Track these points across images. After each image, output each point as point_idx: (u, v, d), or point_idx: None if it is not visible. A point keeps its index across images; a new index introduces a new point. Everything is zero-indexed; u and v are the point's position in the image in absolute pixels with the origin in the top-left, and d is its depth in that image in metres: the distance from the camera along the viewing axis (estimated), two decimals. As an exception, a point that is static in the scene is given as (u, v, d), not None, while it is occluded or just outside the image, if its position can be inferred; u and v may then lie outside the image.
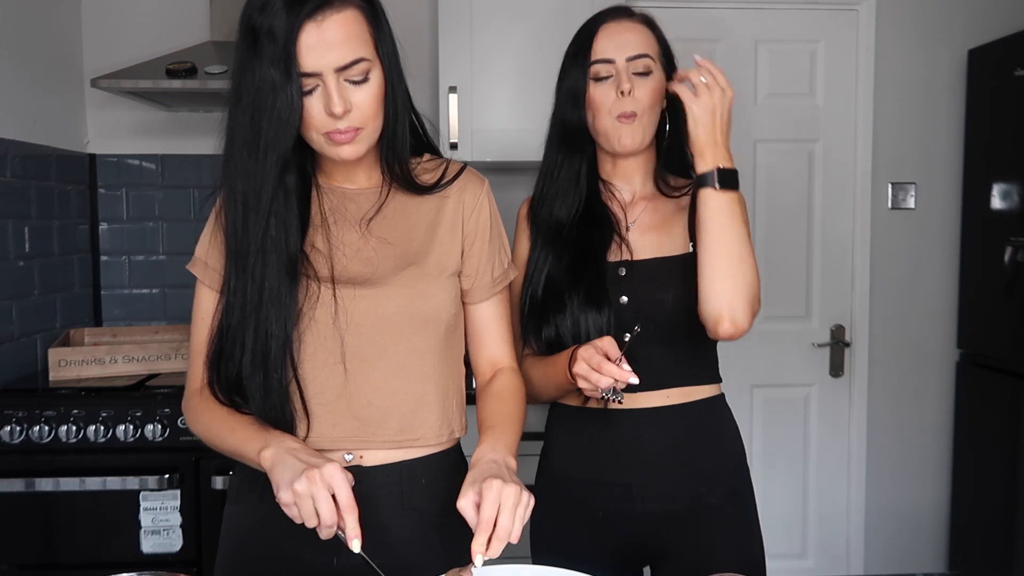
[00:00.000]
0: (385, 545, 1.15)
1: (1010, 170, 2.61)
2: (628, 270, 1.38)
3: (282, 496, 0.97)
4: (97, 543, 2.10)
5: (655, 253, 1.39)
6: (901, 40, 2.86)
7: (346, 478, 0.98)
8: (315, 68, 1.04)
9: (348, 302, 1.13)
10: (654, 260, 1.38)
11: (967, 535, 2.86)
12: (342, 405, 1.14)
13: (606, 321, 1.34)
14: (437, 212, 1.21)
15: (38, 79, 2.46)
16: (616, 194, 1.44)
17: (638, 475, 1.37)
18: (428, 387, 1.18)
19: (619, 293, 1.37)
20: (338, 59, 1.05)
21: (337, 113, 1.05)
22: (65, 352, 2.28)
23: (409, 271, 1.16)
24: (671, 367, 1.38)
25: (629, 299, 1.36)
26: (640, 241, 1.40)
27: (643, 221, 1.42)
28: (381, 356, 1.15)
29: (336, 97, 1.05)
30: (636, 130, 1.35)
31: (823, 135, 2.87)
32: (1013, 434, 2.56)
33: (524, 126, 2.47)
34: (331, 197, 1.19)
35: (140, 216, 2.77)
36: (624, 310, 1.36)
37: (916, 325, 2.93)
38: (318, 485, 0.96)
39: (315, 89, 1.06)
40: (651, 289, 1.36)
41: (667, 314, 1.35)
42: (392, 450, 1.16)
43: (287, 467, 0.99)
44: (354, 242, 1.17)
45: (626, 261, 1.38)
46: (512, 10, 2.44)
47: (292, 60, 1.03)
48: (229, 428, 1.13)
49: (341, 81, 1.06)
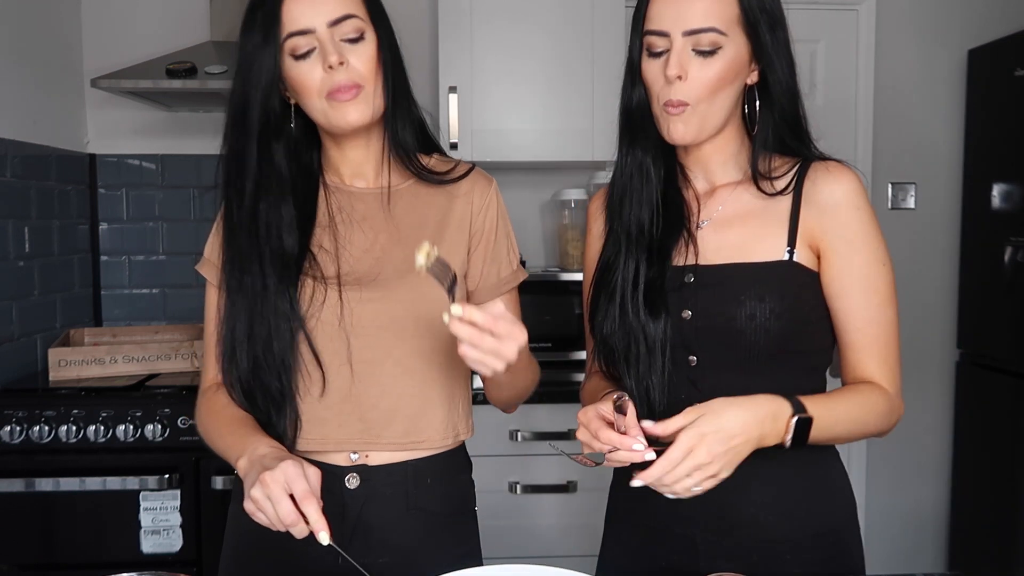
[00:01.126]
0: (390, 544, 1.15)
1: (1010, 170, 2.61)
2: (695, 276, 1.13)
3: (245, 505, 0.97)
4: (97, 543, 2.10)
5: (732, 257, 1.12)
6: (901, 40, 2.86)
7: (304, 472, 0.96)
8: (308, 24, 1.07)
9: (355, 304, 1.13)
10: (728, 266, 1.12)
11: (967, 535, 2.86)
12: (348, 407, 1.14)
13: (661, 335, 1.11)
14: (446, 212, 1.21)
15: (38, 79, 2.46)
16: (693, 182, 1.19)
17: (703, 528, 1.12)
18: (433, 389, 1.17)
19: (682, 305, 1.12)
20: (329, 13, 1.08)
21: (333, 62, 1.07)
22: (65, 352, 2.28)
23: (415, 273, 1.16)
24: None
25: (693, 314, 1.11)
26: (714, 241, 1.14)
27: (723, 216, 1.15)
28: (387, 358, 1.14)
29: (331, 48, 1.08)
30: (690, 121, 1.08)
31: (823, 135, 2.85)
32: (1013, 434, 2.56)
33: (524, 126, 2.48)
34: (339, 197, 1.19)
35: (140, 216, 2.77)
36: (687, 326, 1.11)
37: (916, 325, 2.92)
38: (271, 487, 0.94)
39: (311, 52, 1.08)
40: (719, 302, 1.10)
41: (737, 334, 1.08)
42: (397, 451, 1.16)
43: (251, 476, 0.98)
44: (361, 242, 1.17)
45: (692, 266, 1.13)
46: (512, 10, 2.44)
47: (274, 20, 1.07)
48: (220, 433, 1.13)
49: (336, 39, 1.09)
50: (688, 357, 1.12)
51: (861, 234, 1.10)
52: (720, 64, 1.07)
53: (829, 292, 1.12)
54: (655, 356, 1.12)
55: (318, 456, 1.15)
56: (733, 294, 1.09)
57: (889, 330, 1.13)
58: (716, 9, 1.06)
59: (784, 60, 1.11)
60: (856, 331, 1.12)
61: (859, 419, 1.07)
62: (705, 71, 1.06)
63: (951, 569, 2.92)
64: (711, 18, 1.05)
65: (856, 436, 1.09)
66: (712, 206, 1.16)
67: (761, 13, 1.09)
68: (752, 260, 1.11)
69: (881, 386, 1.11)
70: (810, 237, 1.10)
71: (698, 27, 1.05)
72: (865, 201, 1.12)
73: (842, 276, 1.10)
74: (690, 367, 1.12)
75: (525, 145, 2.48)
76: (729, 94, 1.10)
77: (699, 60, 1.06)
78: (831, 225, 1.10)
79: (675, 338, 1.12)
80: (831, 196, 1.10)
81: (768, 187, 1.12)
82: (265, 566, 1.16)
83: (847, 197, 1.10)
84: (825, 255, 1.11)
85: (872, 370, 1.12)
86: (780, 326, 1.07)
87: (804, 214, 1.10)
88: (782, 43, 1.11)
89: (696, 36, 1.06)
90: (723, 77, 1.07)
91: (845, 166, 1.13)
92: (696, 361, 1.11)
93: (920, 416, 2.94)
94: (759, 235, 1.12)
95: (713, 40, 1.06)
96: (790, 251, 1.10)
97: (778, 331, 1.07)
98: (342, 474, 1.15)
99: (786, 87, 1.12)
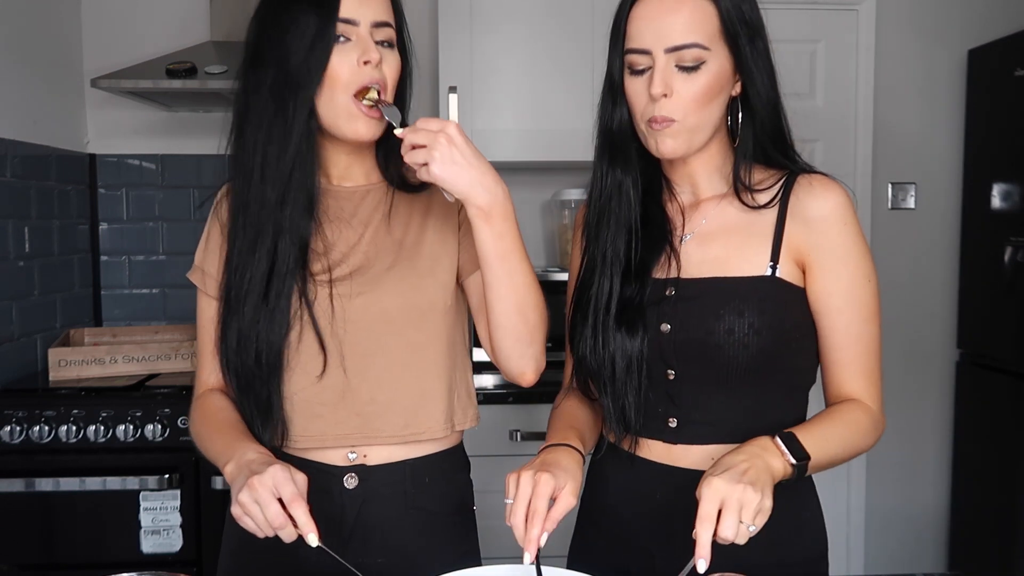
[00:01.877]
0: (389, 545, 1.15)
1: (1010, 170, 2.61)
2: (676, 289, 1.11)
3: (232, 510, 0.97)
4: (97, 543, 2.10)
5: (714, 271, 1.10)
6: (901, 40, 2.86)
7: (292, 476, 0.97)
8: (354, 16, 1.08)
9: (344, 300, 1.13)
10: (709, 280, 1.09)
11: (967, 535, 2.86)
12: (344, 403, 1.14)
13: (637, 353, 1.09)
14: (428, 203, 1.21)
15: (38, 79, 2.46)
16: (678, 195, 1.17)
17: (663, 545, 1.10)
18: (430, 381, 1.17)
19: (661, 318, 1.10)
20: (375, 14, 1.09)
21: (373, 58, 1.08)
22: (65, 352, 2.28)
23: (403, 264, 1.16)
24: (725, 418, 1.09)
25: (672, 327, 1.09)
26: (697, 255, 1.11)
27: (707, 229, 1.13)
28: (380, 352, 1.14)
29: (372, 45, 1.09)
30: (679, 135, 1.06)
31: (823, 135, 2.87)
32: (1013, 434, 2.56)
33: (524, 126, 2.48)
34: (325, 197, 1.19)
35: (140, 216, 2.77)
36: (666, 340, 1.09)
37: (916, 325, 2.92)
38: (258, 491, 0.94)
39: (347, 41, 1.08)
40: (698, 316, 1.08)
41: (716, 349, 1.06)
42: (397, 446, 1.16)
43: (239, 481, 0.98)
44: (350, 239, 1.17)
45: (673, 279, 1.11)
46: (512, 10, 2.44)
47: (332, 9, 1.07)
48: (210, 438, 1.13)
49: (373, 40, 1.09)
50: (666, 371, 1.10)
51: (848, 250, 1.08)
52: (705, 79, 1.05)
53: (815, 308, 1.10)
54: (631, 374, 1.10)
55: (315, 454, 1.15)
56: (712, 308, 1.07)
57: (873, 347, 1.11)
58: (697, 24, 1.04)
59: (764, 71, 1.10)
60: (841, 348, 1.10)
61: (849, 440, 1.07)
62: (690, 87, 1.04)
63: (951, 569, 2.92)
64: (693, 33, 1.03)
65: (848, 457, 1.08)
66: (696, 219, 1.14)
67: (741, 25, 1.06)
68: (734, 274, 1.08)
69: (864, 403, 1.11)
70: (795, 252, 1.08)
71: (680, 43, 1.03)
72: (852, 216, 1.09)
73: (828, 292, 1.09)
74: (668, 381, 1.10)
75: (525, 145, 2.48)
76: (716, 107, 1.08)
77: (683, 76, 1.04)
78: (817, 240, 1.07)
79: (653, 352, 1.10)
80: (818, 211, 1.07)
81: (750, 200, 1.10)
82: (263, 566, 1.16)
83: (834, 212, 1.07)
84: (811, 271, 1.09)
85: (856, 387, 1.11)
86: (759, 342, 1.05)
87: (789, 229, 1.08)
88: (762, 53, 1.10)
89: (679, 52, 1.04)
90: (709, 91, 1.05)
91: (832, 180, 1.10)
92: (674, 375, 1.09)
93: (920, 416, 2.94)
94: (742, 249, 1.09)
95: (696, 56, 1.04)
96: (773, 266, 1.07)
97: (757, 347, 1.05)
98: (340, 474, 1.15)
99: (767, 99, 1.10)
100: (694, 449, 1.10)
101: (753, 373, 1.06)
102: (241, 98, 1.13)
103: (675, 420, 1.11)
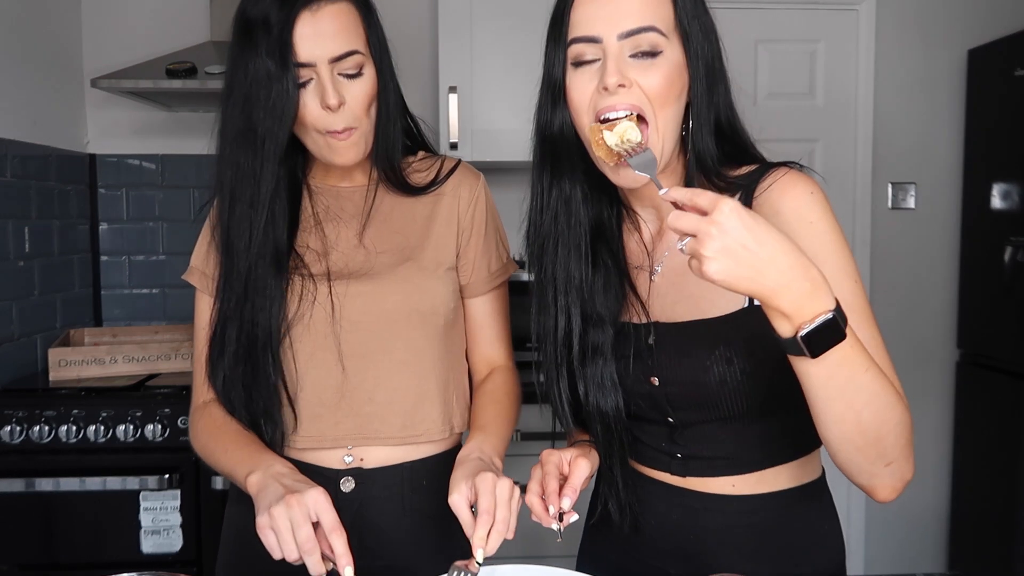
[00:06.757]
0: (386, 548, 1.15)
1: (1010, 170, 2.61)
2: (656, 336, 0.99)
3: (259, 519, 0.93)
4: (97, 543, 2.10)
5: (691, 312, 0.97)
6: (901, 40, 2.86)
7: (331, 504, 0.94)
8: (309, 58, 1.05)
9: (345, 299, 1.13)
10: (688, 325, 0.98)
11: (967, 535, 2.86)
12: (343, 403, 1.14)
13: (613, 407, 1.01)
14: (433, 207, 1.21)
15: (38, 79, 2.46)
16: (640, 227, 1.04)
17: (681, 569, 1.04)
18: (429, 382, 1.17)
19: (648, 372, 1.00)
20: (333, 49, 1.06)
21: (332, 104, 1.05)
22: (65, 352, 2.28)
23: (406, 266, 1.16)
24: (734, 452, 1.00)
25: (661, 380, 0.99)
26: (671, 294, 0.99)
27: (676, 262, 1.00)
28: (380, 352, 1.14)
29: (331, 88, 1.05)
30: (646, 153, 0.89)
31: (823, 135, 2.87)
32: (1013, 434, 2.56)
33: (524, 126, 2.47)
34: (325, 197, 1.19)
35: (140, 216, 2.77)
36: (658, 392, 1.00)
37: (916, 325, 2.92)
38: (295, 509, 0.91)
39: (309, 82, 1.06)
40: (685, 370, 0.97)
41: (713, 401, 0.97)
42: (395, 447, 1.16)
43: (270, 492, 0.96)
44: (350, 239, 1.17)
45: (651, 324, 1.00)
46: (512, 10, 2.44)
47: (288, 49, 1.04)
48: (223, 448, 1.12)
49: (335, 74, 1.07)
50: (666, 419, 1.01)
51: (816, 252, 0.87)
52: (666, 68, 0.91)
53: None
54: (612, 436, 1.02)
55: (313, 456, 1.15)
56: (699, 360, 0.95)
57: (876, 350, 0.92)
58: (652, 7, 0.91)
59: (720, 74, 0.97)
60: None
61: (882, 384, 0.83)
62: (650, 77, 0.90)
63: (951, 569, 2.92)
64: (648, 16, 0.90)
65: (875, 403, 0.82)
66: (661, 249, 1.02)
67: (694, 20, 0.94)
68: (711, 315, 0.96)
69: None
70: None
71: (636, 27, 0.90)
72: (820, 212, 0.92)
73: None
74: (668, 423, 1.01)
75: (525, 145, 2.47)
76: (678, 109, 0.93)
77: (640, 65, 0.90)
78: None
79: (647, 402, 1.01)
80: (776, 216, 0.91)
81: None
82: (262, 567, 1.16)
83: (794, 213, 0.92)
84: None
85: None
86: (754, 386, 0.94)
87: None
88: (718, 55, 0.97)
89: (635, 38, 0.90)
90: (671, 84, 0.91)
91: (791, 177, 0.94)
92: (674, 420, 1.01)
93: (920, 416, 2.94)
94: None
95: (653, 42, 0.90)
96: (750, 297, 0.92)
97: (753, 391, 0.94)
98: (336, 477, 1.15)
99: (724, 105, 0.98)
100: (712, 481, 1.01)
101: (755, 411, 0.97)
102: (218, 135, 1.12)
103: (680, 454, 1.03)
